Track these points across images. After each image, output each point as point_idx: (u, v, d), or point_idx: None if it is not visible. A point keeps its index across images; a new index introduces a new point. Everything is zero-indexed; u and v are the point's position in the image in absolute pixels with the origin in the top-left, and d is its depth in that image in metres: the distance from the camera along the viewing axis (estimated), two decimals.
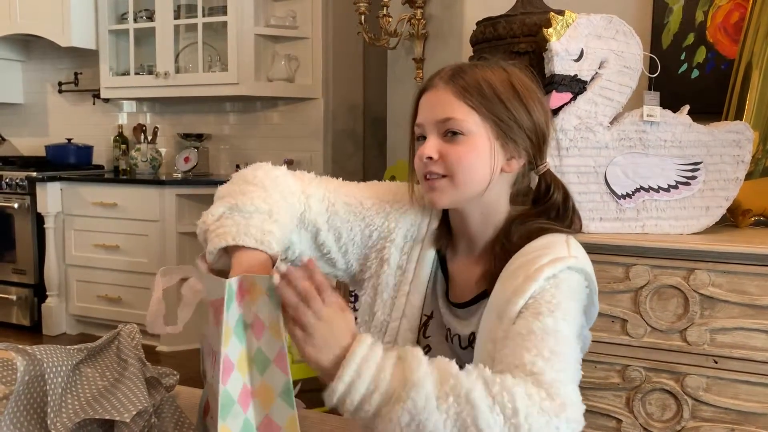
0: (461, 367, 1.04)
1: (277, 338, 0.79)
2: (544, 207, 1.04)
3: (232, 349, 0.77)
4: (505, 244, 1.00)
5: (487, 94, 0.97)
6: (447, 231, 1.10)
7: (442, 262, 1.10)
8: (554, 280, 0.90)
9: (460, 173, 0.98)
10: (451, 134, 0.98)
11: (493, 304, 0.93)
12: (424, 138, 1.01)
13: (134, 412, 0.81)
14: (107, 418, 0.81)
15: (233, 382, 0.77)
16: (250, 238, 0.89)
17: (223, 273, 0.89)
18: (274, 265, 0.87)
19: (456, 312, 1.06)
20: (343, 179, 1.15)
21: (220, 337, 0.76)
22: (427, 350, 1.08)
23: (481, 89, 0.97)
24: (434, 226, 1.09)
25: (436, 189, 0.99)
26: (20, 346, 0.84)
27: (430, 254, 1.08)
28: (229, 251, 0.90)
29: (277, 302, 0.78)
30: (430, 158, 0.98)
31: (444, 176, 0.99)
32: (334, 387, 0.76)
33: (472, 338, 1.02)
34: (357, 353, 0.77)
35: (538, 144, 1.02)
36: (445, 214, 1.09)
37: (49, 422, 0.80)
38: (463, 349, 1.04)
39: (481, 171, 0.99)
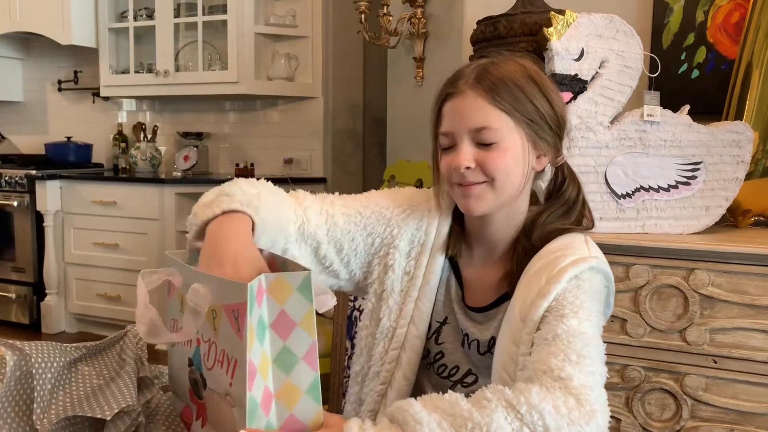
0: (476, 377, 1.03)
1: (310, 333, 0.77)
2: (558, 202, 1.03)
3: (255, 352, 0.76)
4: (526, 245, 0.99)
5: (516, 95, 0.95)
6: (460, 235, 1.07)
7: (454, 266, 1.08)
8: (576, 281, 0.91)
9: (499, 179, 0.96)
10: (485, 142, 0.95)
11: (516, 307, 0.92)
12: (452, 147, 0.98)
13: (116, 410, 0.80)
14: (89, 415, 0.80)
15: (256, 386, 0.75)
16: (236, 202, 0.91)
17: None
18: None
19: (474, 317, 1.04)
20: (343, 174, 1.13)
21: (244, 342, 0.74)
22: (440, 356, 1.06)
23: (510, 90, 0.95)
24: (444, 231, 1.06)
25: (473, 195, 0.97)
26: (10, 342, 0.83)
27: (440, 260, 1.06)
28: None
29: (309, 297, 0.77)
30: (468, 167, 0.96)
31: (483, 182, 0.97)
32: None
33: (491, 343, 1.01)
34: None
35: (560, 135, 1.01)
36: (457, 218, 1.07)
37: (35, 418, 0.79)
38: (481, 355, 1.02)
39: (518, 174, 0.97)
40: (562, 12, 1.59)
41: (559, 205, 1.03)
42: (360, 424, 0.76)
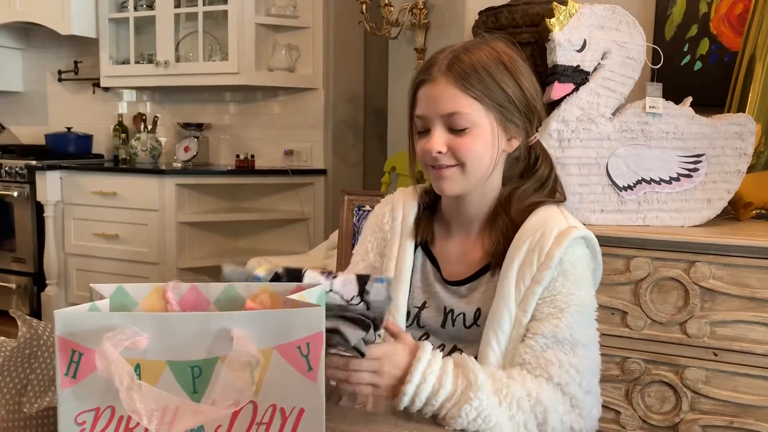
0: (461, 353, 1.06)
1: None
2: (531, 179, 1.09)
3: None
4: (506, 220, 1.05)
5: (486, 82, 1.00)
6: (430, 219, 1.13)
7: (428, 251, 1.12)
8: (561, 267, 0.98)
9: (469, 163, 1.01)
10: (457, 127, 1.00)
11: (511, 289, 0.99)
12: (427, 130, 1.03)
13: None
14: None
15: None
16: None
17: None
18: None
19: (457, 291, 1.07)
20: (343, 166, 1.18)
21: (320, 384, 0.67)
22: (425, 338, 1.09)
23: (480, 77, 1.00)
24: (411, 219, 1.12)
25: (447, 178, 1.02)
26: (28, 318, 0.81)
27: (410, 247, 1.11)
28: None
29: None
30: (440, 152, 1.01)
31: (454, 165, 1.02)
32: (404, 389, 0.87)
33: (477, 315, 1.05)
34: (418, 367, 0.87)
35: (530, 117, 1.05)
36: (427, 203, 1.14)
37: (25, 400, 0.76)
38: (467, 328, 1.06)
39: (488, 157, 1.03)
40: (564, 2, 1.58)
41: (533, 182, 1.09)
42: (432, 352, 0.89)
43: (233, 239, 3.70)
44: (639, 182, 1.64)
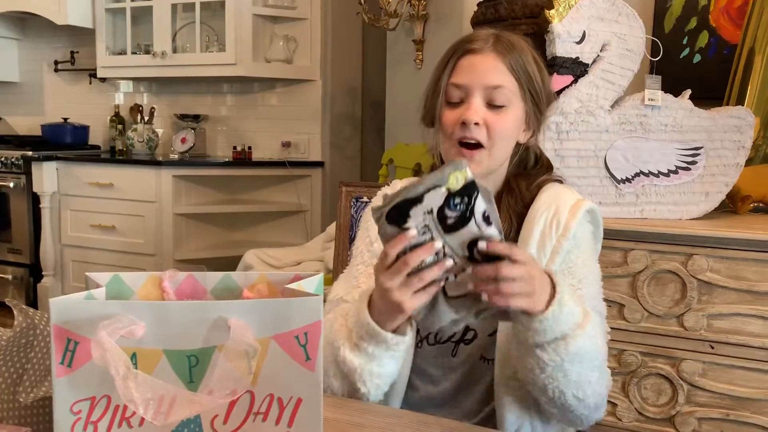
0: (475, 332, 1.09)
1: None
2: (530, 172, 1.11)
3: None
4: (517, 199, 1.07)
5: (527, 68, 1.02)
6: None
7: None
8: (575, 240, 1.01)
9: (498, 144, 1.01)
10: (496, 103, 1.00)
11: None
12: (460, 101, 1.02)
13: None
14: None
15: None
16: None
17: None
18: None
19: None
20: (341, 158, 1.16)
21: (318, 373, 0.66)
22: None
23: (522, 62, 1.01)
24: None
25: (474, 160, 1.01)
26: (24, 307, 0.80)
27: None
28: None
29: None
30: (476, 123, 0.99)
31: (481, 147, 1.01)
32: (558, 294, 0.84)
33: None
34: (562, 294, 0.85)
35: (544, 117, 1.07)
36: None
37: (21, 389, 0.75)
38: None
39: (512, 141, 1.04)
40: None
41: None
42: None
43: (230, 231, 3.69)
44: (637, 175, 1.64)
